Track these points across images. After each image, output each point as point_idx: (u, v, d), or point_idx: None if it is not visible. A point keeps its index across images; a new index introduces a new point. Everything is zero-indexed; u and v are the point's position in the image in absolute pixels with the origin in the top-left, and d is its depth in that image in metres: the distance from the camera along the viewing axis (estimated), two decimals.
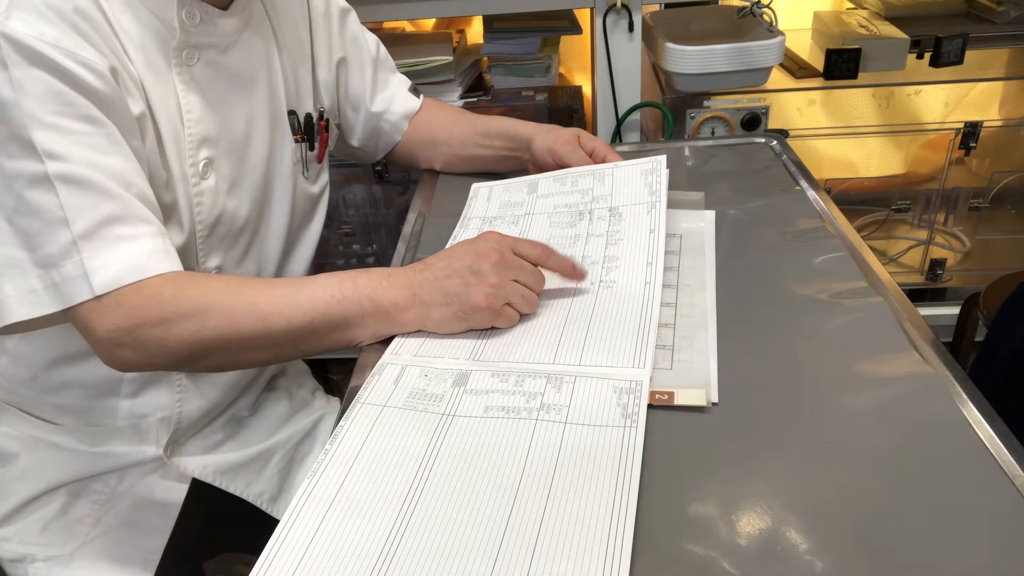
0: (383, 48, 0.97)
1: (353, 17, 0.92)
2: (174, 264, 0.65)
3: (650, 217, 0.81)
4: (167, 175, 0.70)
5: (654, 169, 0.87)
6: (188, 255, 0.73)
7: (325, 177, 0.91)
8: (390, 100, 0.97)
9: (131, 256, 0.62)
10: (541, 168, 0.94)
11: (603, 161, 0.92)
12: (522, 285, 0.69)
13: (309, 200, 0.89)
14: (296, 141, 0.84)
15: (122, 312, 0.62)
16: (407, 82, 1.00)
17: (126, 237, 0.62)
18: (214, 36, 0.73)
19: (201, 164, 0.72)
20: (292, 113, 0.83)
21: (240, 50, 0.76)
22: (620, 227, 0.81)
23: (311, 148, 0.86)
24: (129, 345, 0.63)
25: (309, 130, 0.86)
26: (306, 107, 0.86)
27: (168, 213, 0.70)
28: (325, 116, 0.89)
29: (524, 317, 0.70)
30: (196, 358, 0.66)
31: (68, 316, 0.63)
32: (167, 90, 0.70)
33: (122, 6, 0.66)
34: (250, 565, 0.48)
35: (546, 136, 0.92)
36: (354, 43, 0.92)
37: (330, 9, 0.89)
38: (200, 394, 0.81)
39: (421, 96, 1.00)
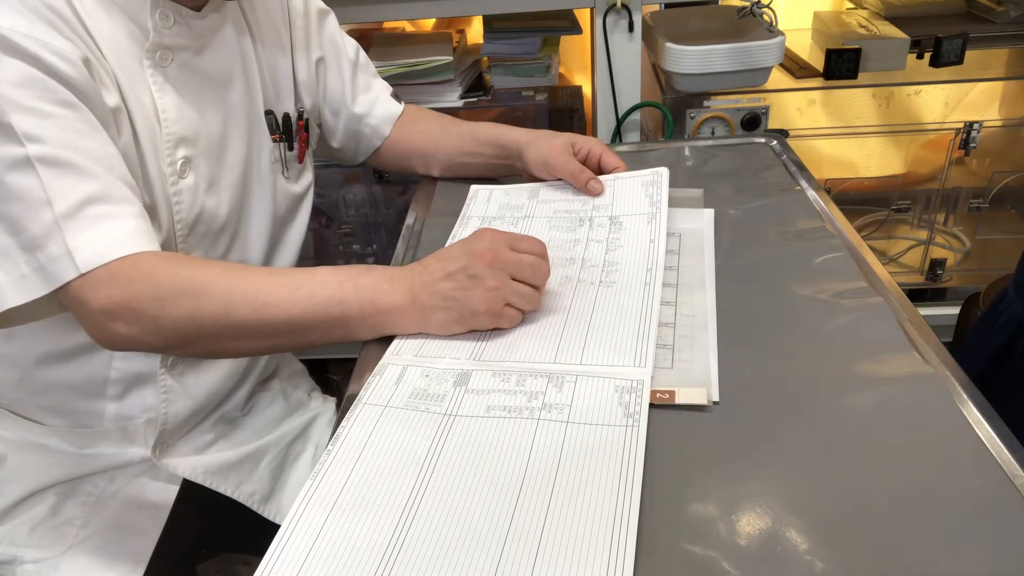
0: (363, 53, 0.97)
1: (332, 19, 0.92)
2: (157, 246, 0.65)
3: (650, 228, 0.81)
4: (143, 173, 0.70)
5: (655, 181, 0.87)
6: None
7: (308, 177, 0.91)
8: (371, 104, 0.96)
9: (114, 233, 0.62)
10: (536, 179, 0.94)
11: (599, 162, 0.92)
12: (521, 283, 0.68)
13: (291, 200, 0.88)
14: (274, 141, 0.84)
15: (117, 285, 0.61)
16: (388, 87, 0.99)
17: (109, 216, 0.62)
18: (188, 38, 0.73)
19: (179, 163, 0.72)
20: (270, 113, 0.83)
21: (215, 51, 0.76)
22: (620, 235, 0.82)
23: (290, 148, 0.86)
24: (124, 319, 0.62)
25: (287, 130, 0.86)
26: (286, 107, 0.86)
27: (146, 212, 0.70)
28: (305, 116, 0.89)
29: (526, 315, 0.70)
30: (190, 340, 0.65)
31: (60, 298, 0.63)
32: (142, 90, 0.70)
33: (95, 8, 0.66)
34: (250, 565, 0.49)
35: (539, 147, 0.91)
36: (332, 45, 0.91)
37: (309, 9, 0.89)
38: (186, 394, 0.80)
39: (403, 103, 1.00)
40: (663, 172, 0.88)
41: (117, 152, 0.65)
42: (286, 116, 0.86)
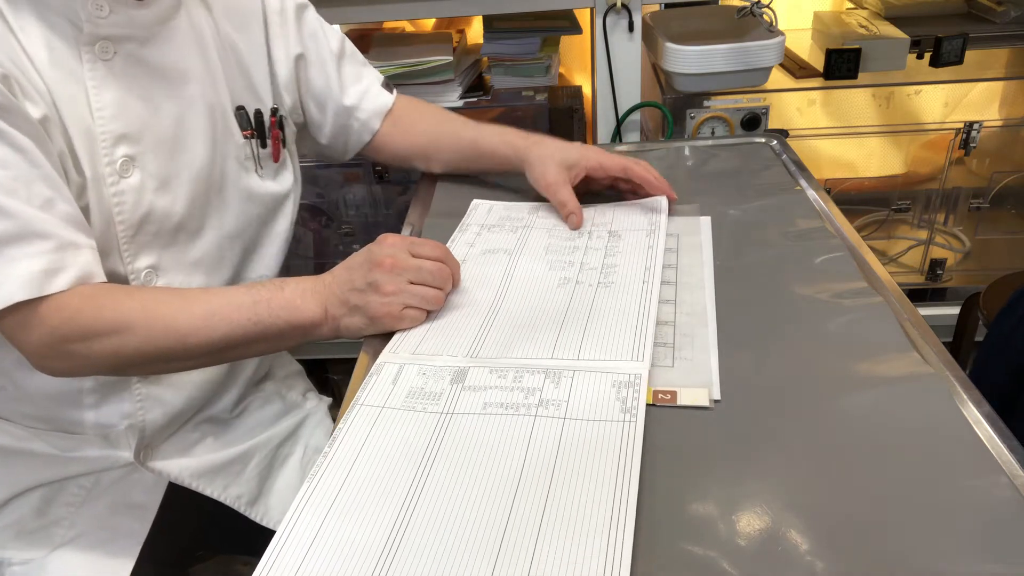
0: (348, 43, 0.94)
1: (311, 12, 0.89)
2: (81, 278, 0.65)
3: (649, 239, 0.83)
4: (79, 175, 0.69)
5: (655, 207, 0.89)
6: (110, 255, 0.72)
7: (289, 177, 0.88)
8: (361, 95, 0.93)
9: (23, 275, 0.62)
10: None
11: (601, 169, 0.91)
12: (421, 285, 0.70)
13: (271, 199, 0.86)
14: (245, 137, 0.82)
15: (44, 329, 0.64)
16: (380, 77, 0.96)
17: (20, 257, 0.62)
18: (129, 28, 0.70)
19: (119, 162, 0.70)
20: (241, 108, 0.81)
21: (166, 43, 0.74)
22: (619, 244, 0.83)
23: (263, 145, 0.84)
24: (56, 357, 0.66)
25: (260, 127, 0.84)
26: (263, 103, 0.84)
27: (83, 215, 0.69)
28: (280, 113, 0.86)
29: (520, 314, 0.71)
30: (123, 369, 0.71)
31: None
32: (76, 89, 0.68)
33: (24, 6, 0.65)
34: (249, 565, 0.48)
35: (534, 176, 0.90)
36: (312, 39, 0.89)
37: (285, 6, 0.86)
38: (161, 402, 0.80)
39: (394, 92, 0.97)
40: (662, 199, 0.90)
41: (47, 173, 0.64)
42: (258, 112, 0.83)
